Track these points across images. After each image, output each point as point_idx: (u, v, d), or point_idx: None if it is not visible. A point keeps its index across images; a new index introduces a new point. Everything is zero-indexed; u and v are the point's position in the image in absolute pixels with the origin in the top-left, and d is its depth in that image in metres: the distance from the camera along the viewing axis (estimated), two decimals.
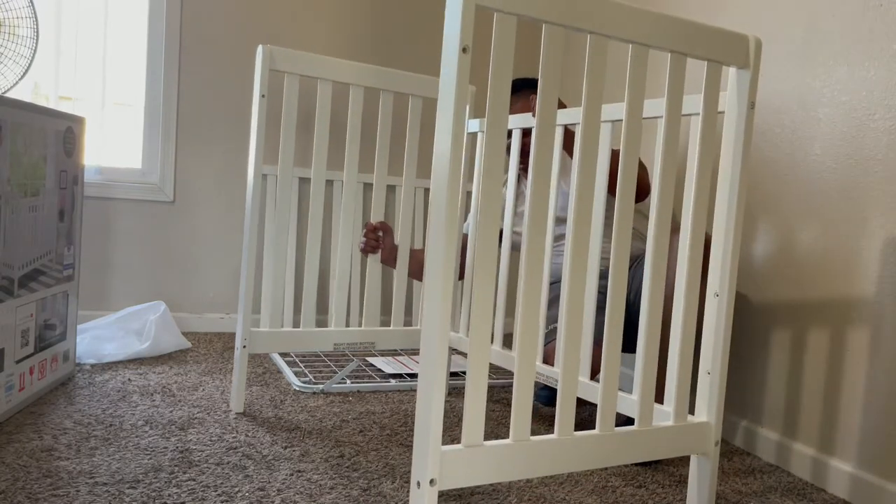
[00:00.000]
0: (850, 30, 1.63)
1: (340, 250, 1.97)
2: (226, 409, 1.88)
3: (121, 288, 2.74)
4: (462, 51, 1.02)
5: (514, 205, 1.94)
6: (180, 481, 1.41)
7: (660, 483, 1.58)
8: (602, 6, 1.15)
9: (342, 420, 1.86)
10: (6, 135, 1.63)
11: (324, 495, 1.39)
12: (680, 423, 1.35)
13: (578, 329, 1.24)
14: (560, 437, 1.20)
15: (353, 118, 1.91)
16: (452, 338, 2.05)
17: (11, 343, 1.70)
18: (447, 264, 1.04)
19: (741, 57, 1.32)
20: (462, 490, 1.47)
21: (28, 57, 2.05)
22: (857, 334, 1.58)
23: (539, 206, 1.16)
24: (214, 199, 2.83)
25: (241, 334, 1.82)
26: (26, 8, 2.05)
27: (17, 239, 1.71)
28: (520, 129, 1.89)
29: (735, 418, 1.90)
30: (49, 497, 1.30)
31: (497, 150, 1.10)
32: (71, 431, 1.64)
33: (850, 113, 1.62)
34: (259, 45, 1.78)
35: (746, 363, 1.88)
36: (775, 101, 1.83)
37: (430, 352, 1.05)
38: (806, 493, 1.59)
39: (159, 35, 2.72)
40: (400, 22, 3.01)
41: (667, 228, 1.32)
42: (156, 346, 2.38)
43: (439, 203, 1.05)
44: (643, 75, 1.23)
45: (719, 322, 1.36)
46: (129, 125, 2.76)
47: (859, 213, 1.58)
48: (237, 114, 2.82)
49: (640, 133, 1.26)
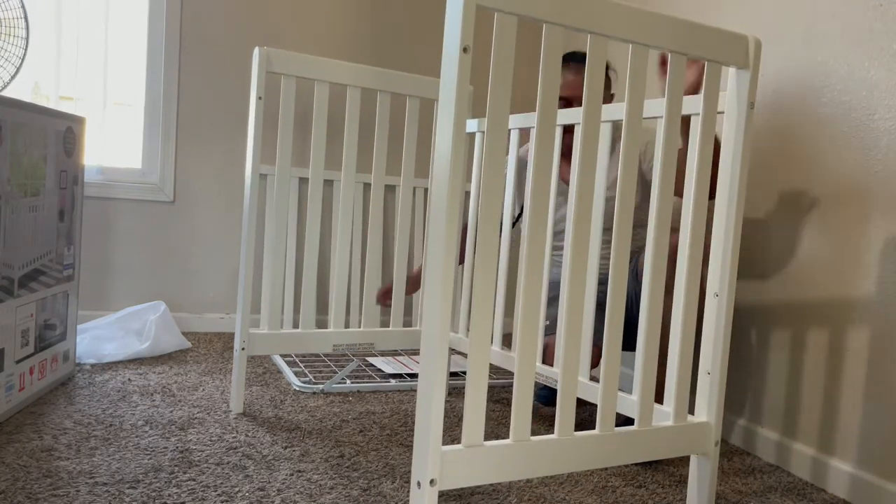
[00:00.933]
0: (850, 30, 1.63)
1: (339, 250, 1.97)
2: (226, 409, 1.88)
3: (121, 288, 2.74)
4: (462, 51, 1.02)
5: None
6: (180, 481, 1.41)
7: (660, 483, 1.58)
8: (602, 6, 1.15)
9: (342, 420, 1.86)
10: (6, 135, 1.63)
11: (324, 495, 1.39)
12: (680, 423, 1.35)
13: (578, 329, 1.24)
14: (560, 437, 1.20)
15: (350, 119, 1.91)
16: (452, 338, 2.05)
17: (11, 343, 1.70)
18: (447, 264, 1.04)
19: (741, 57, 1.32)
20: (462, 490, 1.47)
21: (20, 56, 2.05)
22: (857, 334, 1.58)
23: (539, 205, 1.16)
24: (214, 199, 2.83)
25: (239, 336, 1.82)
26: (19, 8, 2.05)
27: (18, 239, 1.71)
28: (560, 127, 1.81)
29: (734, 418, 1.90)
30: (49, 497, 1.30)
31: (497, 149, 1.10)
32: (71, 431, 1.64)
33: (850, 113, 1.62)
34: (255, 48, 1.78)
35: (746, 363, 1.88)
36: (775, 101, 1.83)
37: (430, 352, 1.05)
38: (806, 493, 1.59)
39: (159, 35, 2.72)
40: (399, 22, 3.01)
41: (667, 228, 1.32)
42: (156, 346, 2.38)
43: (439, 203, 1.05)
44: (643, 75, 1.23)
45: (719, 322, 1.36)
46: (129, 125, 2.76)
47: (859, 213, 1.58)
48: (237, 114, 2.82)
49: (639, 133, 1.26)
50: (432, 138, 2.87)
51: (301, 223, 2.84)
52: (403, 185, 2.03)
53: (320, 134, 1.88)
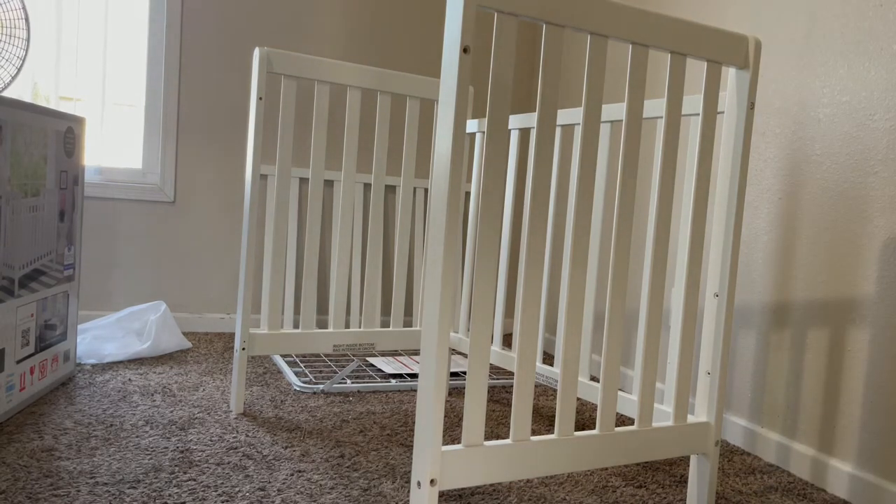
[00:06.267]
0: (850, 30, 1.63)
1: (339, 250, 1.97)
2: (226, 409, 1.88)
3: (121, 288, 2.74)
4: (463, 51, 1.02)
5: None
6: (181, 481, 1.41)
7: (660, 483, 1.58)
8: (602, 6, 1.15)
9: (342, 420, 1.86)
10: (7, 135, 1.63)
11: (324, 495, 1.39)
12: (680, 424, 1.35)
13: (578, 329, 1.24)
14: (560, 437, 1.21)
15: (350, 119, 1.92)
16: (452, 338, 2.05)
17: (12, 343, 1.70)
18: (447, 264, 1.04)
19: (741, 57, 1.32)
20: (462, 490, 1.48)
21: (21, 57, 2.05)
22: (857, 334, 1.58)
23: (539, 205, 1.16)
24: (214, 199, 2.83)
25: (240, 336, 1.82)
26: (20, 10, 2.05)
27: (18, 239, 1.71)
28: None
29: (735, 418, 1.90)
30: (49, 497, 1.30)
31: (498, 149, 1.10)
32: (71, 431, 1.64)
33: (850, 113, 1.62)
34: (256, 48, 1.78)
35: (746, 363, 1.88)
36: (775, 102, 1.83)
37: (430, 352, 1.05)
38: (806, 493, 1.59)
39: (159, 35, 2.72)
40: (399, 22, 3.01)
41: (667, 228, 1.32)
42: (156, 346, 2.38)
43: (440, 203, 1.05)
44: (643, 75, 1.23)
45: (719, 322, 1.36)
46: (129, 125, 2.76)
47: (859, 213, 1.59)
48: (237, 114, 2.82)
49: (639, 133, 1.26)
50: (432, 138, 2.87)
51: (301, 223, 2.84)
52: (403, 185, 2.03)
53: (320, 134, 1.88)
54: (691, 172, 1.37)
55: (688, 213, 1.39)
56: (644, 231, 2.33)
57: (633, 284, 2.37)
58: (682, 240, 1.44)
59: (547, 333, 2.91)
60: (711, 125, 1.34)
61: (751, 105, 1.34)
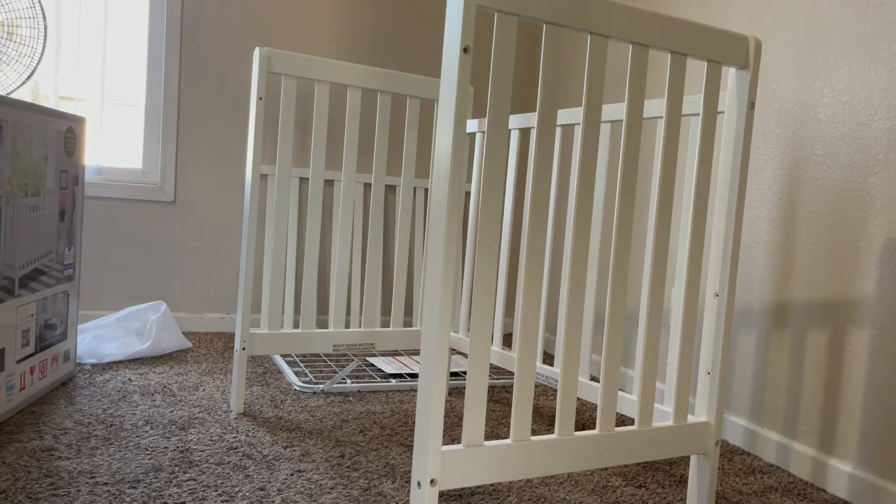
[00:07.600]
0: (850, 30, 1.63)
1: (339, 250, 1.97)
2: (226, 408, 1.88)
3: (121, 288, 2.74)
4: (463, 51, 1.02)
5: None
6: (181, 481, 1.41)
7: (660, 483, 1.58)
8: (602, 6, 1.15)
9: (342, 420, 1.86)
10: (7, 135, 1.63)
11: (324, 495, 1.40)
12: (680, 423, 1.35)
13: (578, 329, 1.24)
14: (560, 437, 1.21)
15: (350, 119, 1.92)
16: (452, 338, 2.05)
17: (12, 343, 1.70)
18: (447, 264, 1.04)
19: (741, 57, 1.32)
20: (462, 490, 1.48)
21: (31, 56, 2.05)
22: (857, 334, 1.58)
23: (539, 205, 1.16)
24: (214, 199, 2.83)
25: (240, 336, 1.82)
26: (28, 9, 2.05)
27: (18, 239, 1.71)
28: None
29: (735, 418, 1.90)
30: (49, 497, 1.30)
31: (498, 150, 1.10)
32: (71, 431, 1.64)
33: (851, 113, 1.62)
34: (256, 48, 1.78)
35: (746, 363, 1.88)
36: (775, 102, 1.83)
37: (430, 352, 1.05)
38: (806, 493, 1.59)
39: (160, 35, 2.72)
40: (399, 22, 3.01)
41: (667, 228, 1.32)
42: (156, 345, 2.38)
43: (440, 203, 1.05)
44: (643, 75, 1.23)
45: (719, 322, 1.36)
46: (129, 125, 2.76)
47: (859, 213, 1.59)
48: (237, 114, 2.82)
49: (640, 133, 1.26)
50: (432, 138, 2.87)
51: (301, 223, 2.84)
52: (404, 185, 2.03)
53: (321, 134, 1.88)
54: (691, 172, 1.37)
55: (688, 213, 1.39)
56: (644, 231, 2.33)
57: (633, 284, 2.37)
58: (682, 240, 1.44)
59: (547, 333, 2.91)
60: (711, 125, 1.34)
61: (751, 105, 1.34)
